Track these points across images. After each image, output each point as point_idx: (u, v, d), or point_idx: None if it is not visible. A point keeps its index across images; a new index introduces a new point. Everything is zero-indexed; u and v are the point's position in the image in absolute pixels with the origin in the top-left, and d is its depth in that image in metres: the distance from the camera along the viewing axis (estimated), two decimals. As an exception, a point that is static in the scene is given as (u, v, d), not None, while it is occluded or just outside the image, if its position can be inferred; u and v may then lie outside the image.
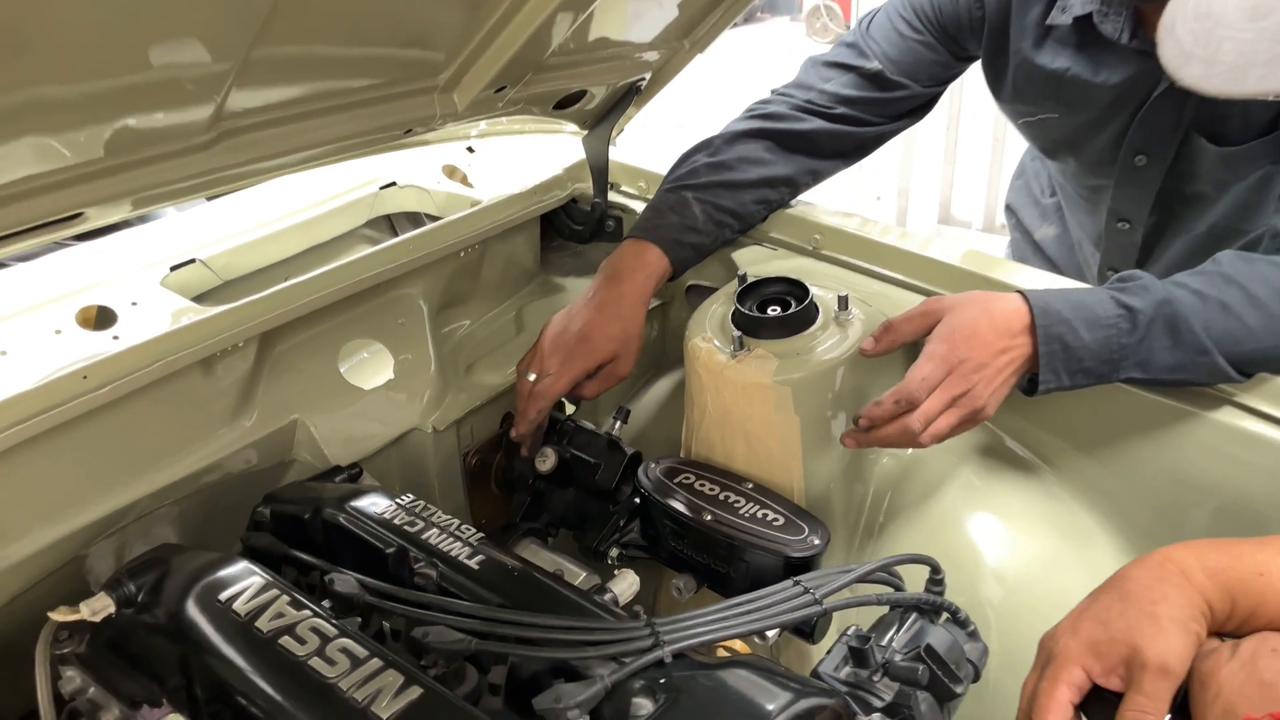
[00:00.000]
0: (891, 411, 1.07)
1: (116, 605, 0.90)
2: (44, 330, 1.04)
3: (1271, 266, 1.07)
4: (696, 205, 1.31)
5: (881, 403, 1.06)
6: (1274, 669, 0.75)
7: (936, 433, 1.08)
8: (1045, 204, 1.70)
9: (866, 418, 1.09)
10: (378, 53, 1.02)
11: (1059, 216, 1.68)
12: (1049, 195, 1.70)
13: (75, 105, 0.78)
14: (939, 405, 1.06)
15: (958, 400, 1.06)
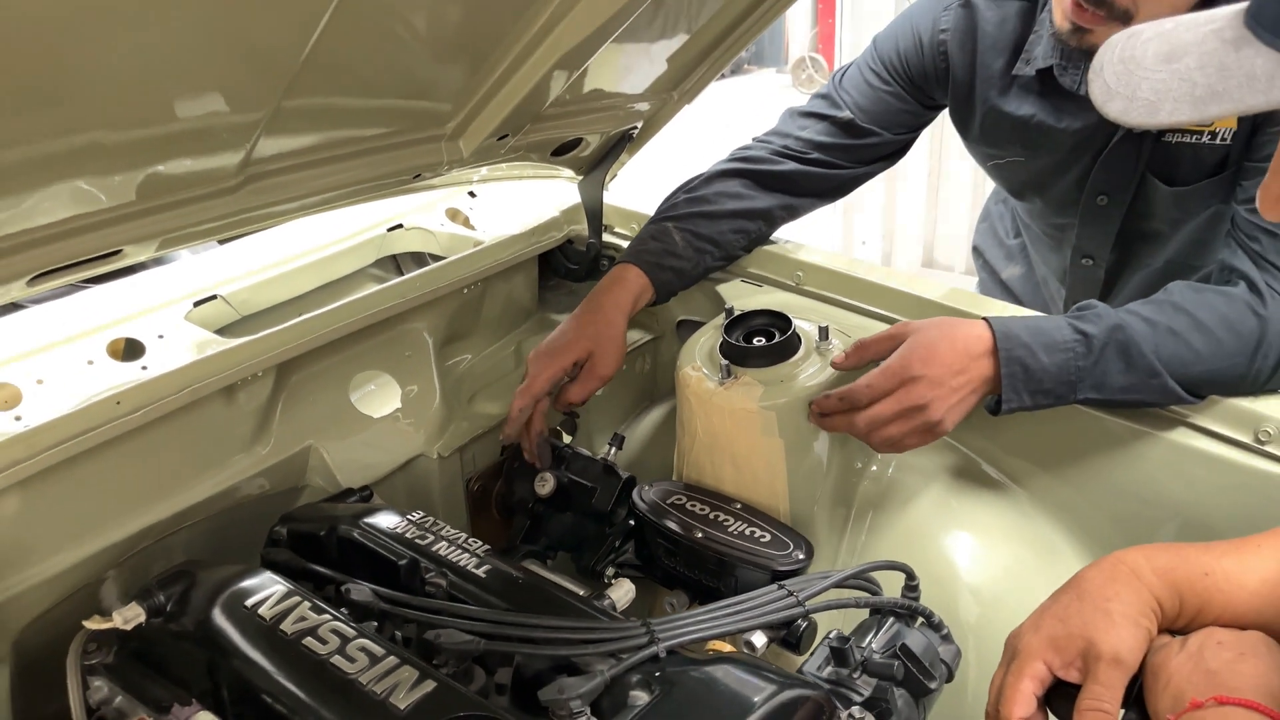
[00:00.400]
0: (836, 406, 1.18)
1: (147, 614, 0.96)
2: (77, 361, 1.12)
3: (1218, 295, 1.16)
4: (676, 233, 1.40)
5: (829, 397, 1.18)
6: (1219, 659, 0.82)
7: (887, 437, 1.17)
8: (1010, 245, 1.80)
9: (816, 405, 1.21)
10: (391, 104, 1.11)
11: (1023, 256, 1.77)
12: (1013, 237, 1.80)
13: (121, 151, 0.86)
14: (887, 412, 1.15)
15: (909, 412, 1.14)
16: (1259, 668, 0.80)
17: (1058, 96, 1.34)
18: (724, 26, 1.40)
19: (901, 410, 1.15)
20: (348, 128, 1.09)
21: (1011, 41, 1.36)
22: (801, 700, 0.83)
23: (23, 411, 1.05)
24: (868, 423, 1.16)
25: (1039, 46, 1.32)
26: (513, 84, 1.19)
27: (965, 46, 1.39)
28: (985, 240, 1.89)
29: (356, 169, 1.14)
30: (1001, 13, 1.36)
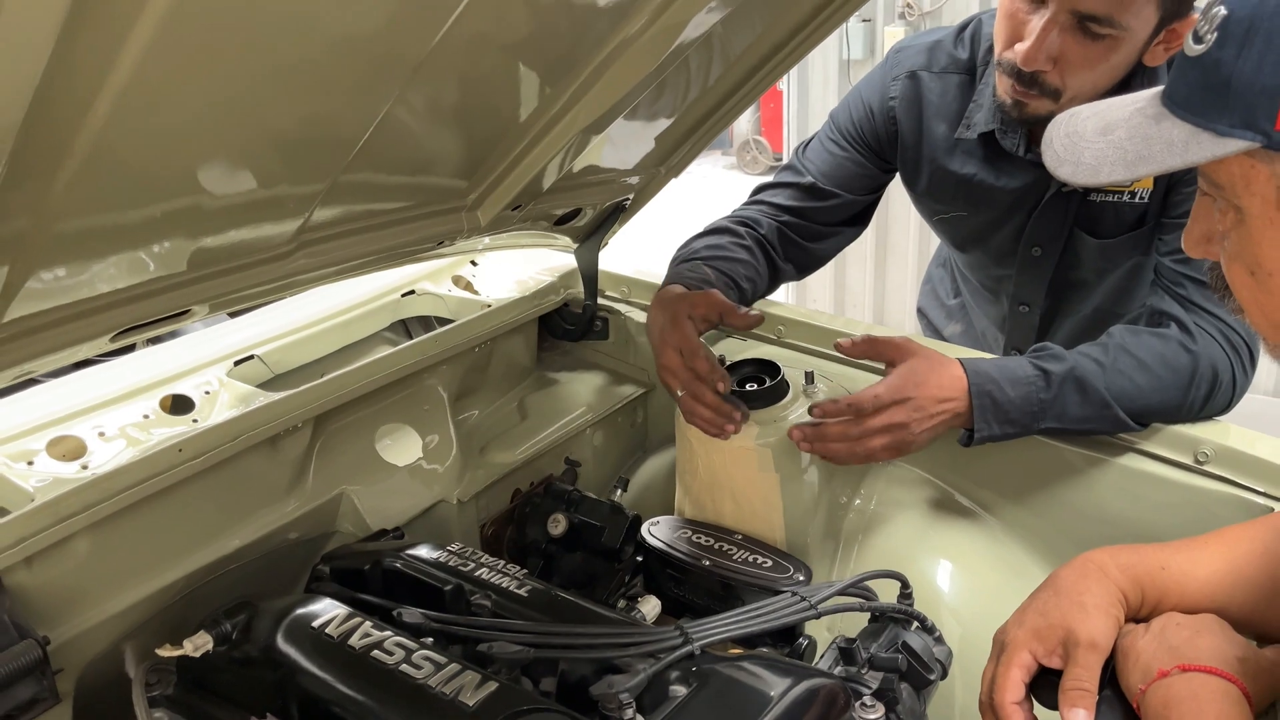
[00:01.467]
0: (842, 412, 1.28)
1: (214, 642, 1.04)
2: (134, 415, 1.21)
3: (1154, 337, 1.32)
4: (708, 268, 1.51)
5: (838, 402, 1.28)
6: (1179, 636, 0.95)
7: (870, 449, 1.28)
8: (950, 305, 1.97)
9: (820, 409, 1.30)
10: (425, 180, 1.24)
11: (962, 314, 1.94)
12: (953, 297, 1.97)
13: (210, 218, 0.97)
14: (879, 424, 1.27)
15: (894, 427, 1.27)
16: (1214, 641, 0.93)
17: (997, 158, 1.52)
18: (706, 109, 1.56)
19: (890, 423, 1.28)
20: (387, 199, 1.22)
21: (953, 109, 1.54)
22: (820, 687, 0.94)
23: (89, 461, 1.13)
24: (862, 431, 1.27)
25: (979, 113, 1.50)
26: (526, 163, 1.32)
27: (911, 113, 1.57)
28: (927, 301, 2.07)
29: (391, 236, 1.26)
30: (943, 84, 1.55)
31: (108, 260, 0.93)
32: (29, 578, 1.02)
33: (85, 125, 0.73)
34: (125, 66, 0.69)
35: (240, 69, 0.80)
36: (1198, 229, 0.78)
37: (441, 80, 1.03)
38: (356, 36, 0.85)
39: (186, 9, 0.67)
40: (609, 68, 1.18)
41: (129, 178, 0.84)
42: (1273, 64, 0.64)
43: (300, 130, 0.95)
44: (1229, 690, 0.88)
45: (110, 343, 1.03)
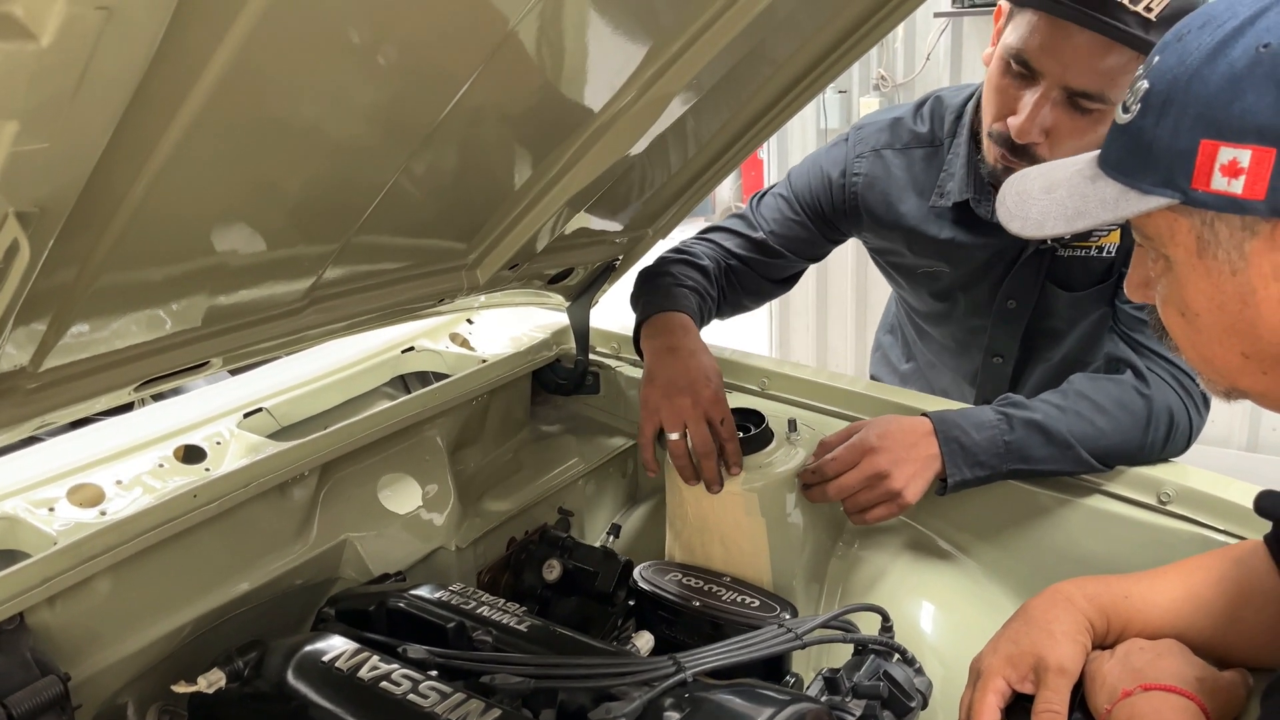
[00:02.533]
0: (810, 478, 1.40)
1: (227, 679, 1.09)
2: (149, 464, 1.26)
3: (1110, 382, 1.41)
4: (684, 291, 1.60)
5: (805, 470, 1.39)
6: (1142, 659, 1.01)
7: (857, 504, 1.38)
8: (903, 370, 2.05)
9: (800, 477, 1.41)
10: (429, 241, 1.32)
11: (917, 378, 2.01)
12: (905, 362, 2.05)
13: (231, 276, 1.05)
14: (853, 481, 1.37)
15: (873, 480, 1.35)
16: (1174, 663, 1.00)
17: (973, 222, 1.61)
18: (691, 175, 1.66)
19: (865, 479, 1.36)
20: (392, 259, 1.29)
21: (921, 181, 1.63)
22: (807, 711, 0.99)
23: (107, 508, 1.19)
24: (837, 491, 1.37)
25: (951, 182, 1.59)
26: (522, 226, 1.41)
27: (876, 188, 1.66)
28: (880, 369, 2.14)
29: (395, 293, 1.33)
30: (908, 159, 1.64)
31: (138, 314, 1.00)
32: (51, 617, 1.07)
33: (130, 195, 0.81)
34: (166, 147, 0.78)
35: (264, 146, 0.88)
36: (1136, 275, 0.87)
37: (443, 151, 1.11)
38: (368, 114, 0.94)
39: (219, 104, 0.75)
40: (599, 139, 1.27)
41: (164, 240, 0.92)
42: (1186, 130, 0.73)
43: (315, 197, 1.03)
44: (1188, 707, 0.94)
45: (133, 393, 1.10)
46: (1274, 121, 0.69)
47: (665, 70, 1.19)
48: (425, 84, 0.95)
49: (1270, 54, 0.69)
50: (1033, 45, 1.32)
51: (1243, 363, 0.79)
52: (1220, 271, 0.75)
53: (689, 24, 1.15)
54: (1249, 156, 0.69)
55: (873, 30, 1.39)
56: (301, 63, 0.79)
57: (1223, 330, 0.78)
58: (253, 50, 0.71)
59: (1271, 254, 0.72)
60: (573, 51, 1.10)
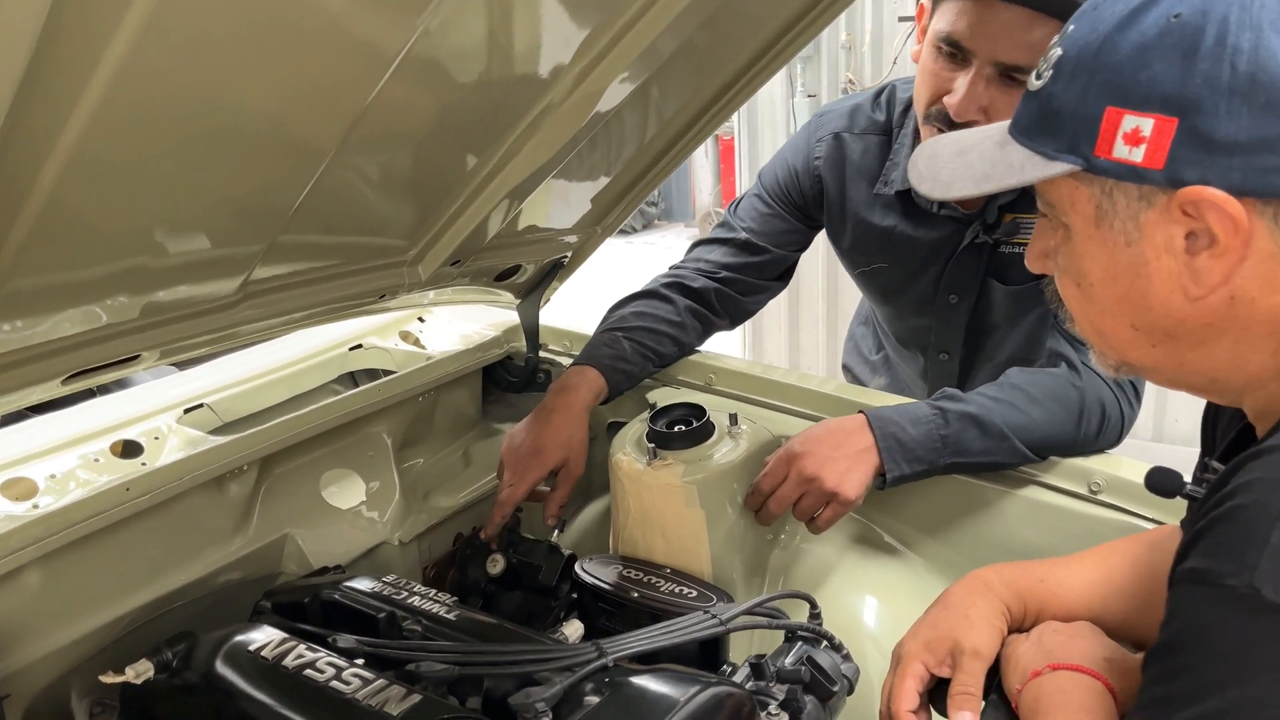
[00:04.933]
0: (751, 501, 1.43)
1: (155, 669, 1.09)
2: (86, 459, 1.27)
3: (1044, 374, 1.43)
4: (625, 342, 1.63)
5: (747, 495, 1.43)
6: (1054, 641, 1.03)
7: (802, 511, 1.41)
8: (873, 360, 2.08)
9: (744, 502, 1.45)
10: (362, 239, 1.33)
11: (886, 368, 2.05)
12: (876, 352, 2.08)
13: (155, 275, 1.05)
14: (788, 492, 1.40)
15: (806, 485, 1.38)
16: (1085, 644, 1.01)
17: (914, 212, 1.64)
18: (635, 173, 1.67)
19: (798, 486, 1.39)
20: (325, 257, 1.30)
21: (872, 167, 1.66)
22: (726, 695, 1.00)
23: (39, 501, 1.19)
24: (778, 504, 1.41)
25: (895, 171, 1.62)
26: (463, 220, 1.42)
27: (835, 171, 1.69)
28: (851, 359, 2.17)
29: (333, 289, 1.34)
30: (864, 144, 1.67)
31: (59, 314, 1.01)
32: (-22, 609, 1.08)
33: (34, 192, 0.81)
34: (69, 141, 0.77)
35: (172, 145, 0.88)
36: (1038, 246, 0.88)
37: (369, 148, 1.12)
38: (285, 109, 0.94)
39: (119, 96, 0.75)
40: (534, 133, 1.28)
41: (75, 242, 0.93)
42: (1093, 97, 0.74)
43: (237, 196, 1.03)
44: (1093, 685, 0.95)
45: (62, 385, 1.10)
46: (1178, 91, 0.70)
47: (600, 60, 1.21)
48: (343, 76, 0.95)
49: (1180, 24, 0.71)
50: (961, 27, 1.36)
51: (1133, 335, 0.81)
52: (1116, 242, 0.77)
53: (621, 13, 1.16)
54: (1151, 125, 0.71)
55: (813, 24, 1.42)
56: (203, 54, 0.79)
57: (1115, 301, 0.80)
58: (151, 40, 0.72)
59: (1165, 226, 0.74)
60: (505, 39, 1.10)
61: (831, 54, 4.38)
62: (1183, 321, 0.78)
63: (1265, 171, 0.70)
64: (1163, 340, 0.80)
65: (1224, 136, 0.70)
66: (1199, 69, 0.70)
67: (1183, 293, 0.76)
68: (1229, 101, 0.70)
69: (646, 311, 1.69)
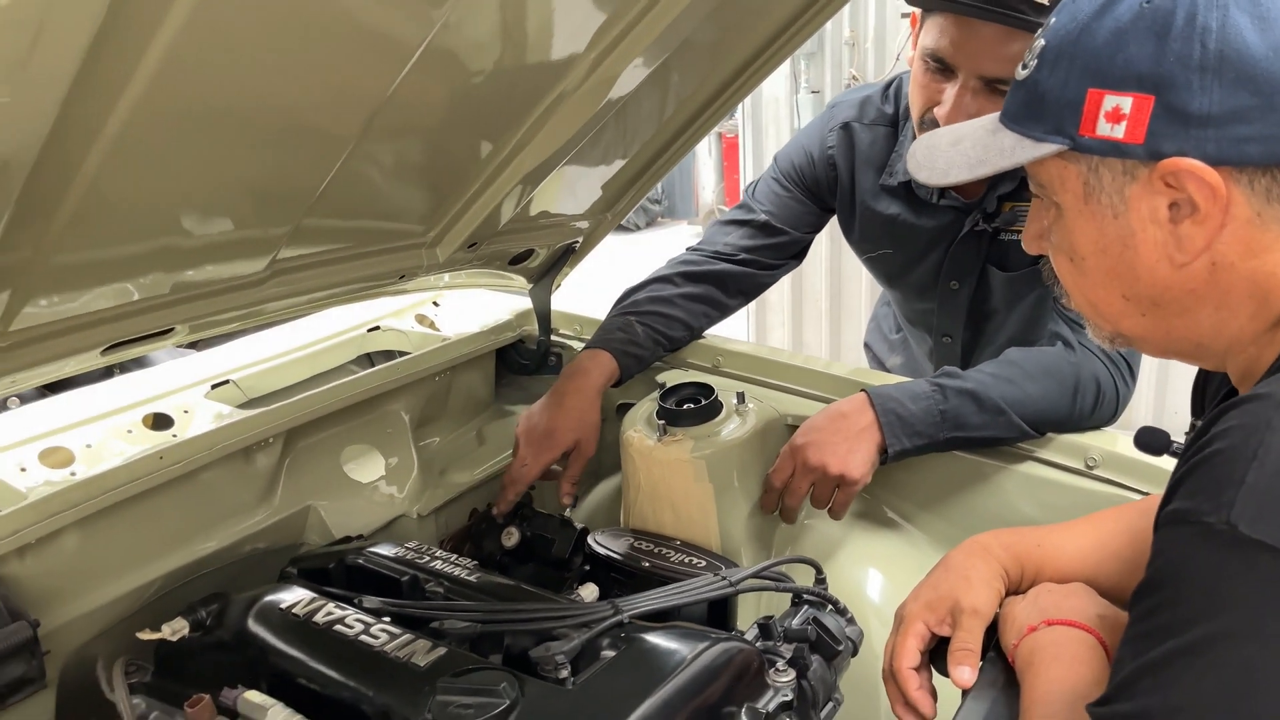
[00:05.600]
0: (767, 500, 1.49)
1: (190, 628, 1.15)
2: (118, 430, 1.32)
3: (1041, 352, 1.48)
4: (639, 326, 1.68)
5: (761, 497, 1.50)
6: (1049, 600, 1.07)
7: (818, 500, 1.46)
8: (892, 339, 2.14)
9: (761, 505, 1.50)
10: (383, 223, 1.38)
11: (904, 348, 2.11)
12: (895, 332, 2.14)
13: (189, 254, 1.10)
14: (800, 484, 1.45)
15: (814, 474, 1.43)
16: (1080, 603, 1.06)
17: (917, 202, 1.69)
18: (646, 160, 1.72)
19: (806, 476, 1.45)
20: (348, 238, 1.35)
21: (880, 157, 1.72)
22: (735, 650, 1.05)
23: (76, 469, 1.24)
24: (794, 498, 1.47)
25: (899, 163, 1.67)
26: (479, 204, 1.47)
27: (846, 160, 1.75)
28: (873, 337, 2.24)
29: (354, 269, 1.39)
30: (872, 135, 1.73)
31: (100, 288, 1.06)
32: (21, 568, 1.13)
33: (80, 175, 0.86)
34: (114, 128, 0.82)
35: (208, 132, 0.93)
36: (1033, 228, 0.93)
37: (391, 135, 1.16)
38: (312, 99, 0.99)
39: (161, 87, 0.80)
40: (548, 119, 1.33)
41: (115, 221, 0.97)
42: (1075, 81, 0.80)
43: (264, 181, 1.09)
44: (1086, 639, 1.00)
45: (101, 356, 1.15)
46: (1153, 70, 0.75)
47: (614, 47, 1.25)
48: (366, 69, 1.00)
49: (1153, 8, 0.76)
50: (944, 44, 1.43)
51: (1124, 305, 0.86)
52: (1104, 215, 0.82)
53: (635, 1, 1.21)
54: (1130, 103, 0.76)
55: (819, 14, 1.46)
56: (237, 50, 0.84)
57: (1105, 273, 0.85)
58: (191, 36, 0.77)
59: (1149, 198, 0.79)
60: (521, 29, 1.14)
61: (835, 50, 4.44)
62: (1169, 289, 0.82)
63: (1238, 141, 0.75)
64: (1151, 309, 0.85)
65: (1198, 110, 0.75)
66: (1171, 48, 0.75)
67: (1168, 260, 0.81)
68: (1201, 77, 0.75)
69: (659, 295, 1.75)
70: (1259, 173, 0.76)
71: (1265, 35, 0.73)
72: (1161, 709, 0.68)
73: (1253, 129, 0.74)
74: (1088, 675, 0.95)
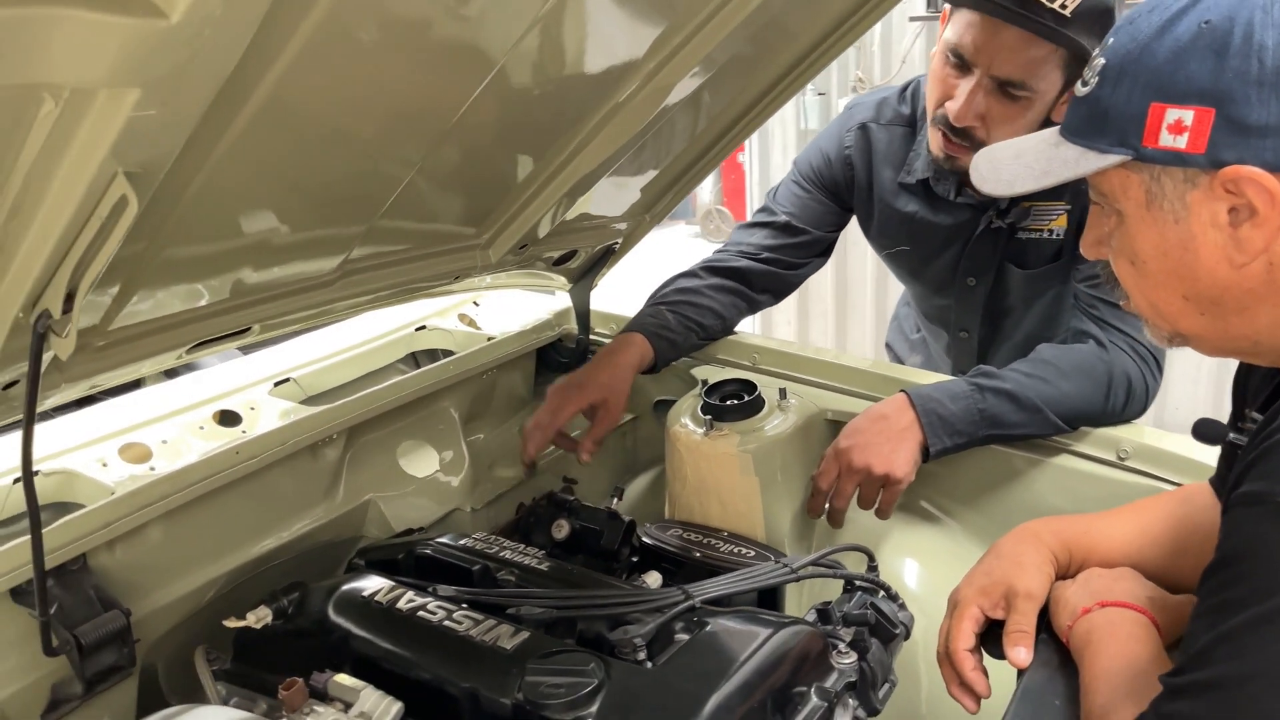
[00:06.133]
0: (815, 503, 1.54)
1: (273, 615, 1.19)
2: (191, 426, 1.36)
3: (1074, 351, 1.54)
4: (670, 314, 1.74)
5: (809, 501, 1.55)
6: (1100, 583, 1.13)
7: (866, 500, 1.52)
8: (913, 339, 2.19)
9: (809, 509, 1.55)
10: (445, 226, 1.43)
11: (923, 348, 2.16)
12: (915, 332, 2.19)
13: (282, 248, 1.15)
14: (847, 486, 1.50)
15: (860, 476, 1.48)
16: (1130, 585, 1.12)
17: (935, 199, 1.75)
18: (685, 164, 1.77)
19: (851, 478, 1.49)
20: (414, 240, 1.40)
21: (898, 156, 1.77)
22: (803, 632, 1.11)
23: (155, 464, 1.28)
24: (841, 500, 1.51)
25: (918, 161, 1.73)
26: (532, 208, 1.52)
27: (863, 159, 1.80)
28: (894, 336, 2.29)
29: (414, 270, 1.44)
30: (889, 135, 1.79)
31: (193, 284, 1.11)
32: (110, 560, 1.17)
33: (197, 176, 0.92)
34: (232, 136, 0.88)
35: (311, 138, 1.00)
36: (1091, 234, 0.99)
37: (455, 147, 1.22)
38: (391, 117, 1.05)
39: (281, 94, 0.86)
40: (601, 130, 1.38)
41: (220, 218, 1.03)
42: (1138, 96, 0.85)
43: (347, 186, 1.15)
44: (1139, 619, 1.06)
45: (185, 355, 1.20)
46: (1213, 85, 0.81)
47: (668, 61, 1.30)
48: (440, 93, 1.07)
49: (1210, 28, 0.81)
50: (967, 40, 1.49)
51: (1183, 305, 0.91)
52: (1165, 221, 0.87)
53: (695, 14, 1.26)
54: (1192, 116, 0.82)
55: (857, 25, 1.52)
56: (348, 67, 0.90)
57: (1167, 274, 0.90)
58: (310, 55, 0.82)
59: (1210, 203, 0.84)
60: (579, 48, 1.20)
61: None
62: (1228, 289, 0.88)
63: None
64: (1210, 308, 0.90)
65: (1256, 121, 0.81)
66: (1230, 65, 0.81)
67: (1228, 262, 0.86)
68: (1259, 91, 0.80)
69: (688, 287, 1.80)
70: None
71: None
72: (1238, 675, 0.74)
73: None
74: (1144, 652, 1.00)
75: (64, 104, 0.68)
